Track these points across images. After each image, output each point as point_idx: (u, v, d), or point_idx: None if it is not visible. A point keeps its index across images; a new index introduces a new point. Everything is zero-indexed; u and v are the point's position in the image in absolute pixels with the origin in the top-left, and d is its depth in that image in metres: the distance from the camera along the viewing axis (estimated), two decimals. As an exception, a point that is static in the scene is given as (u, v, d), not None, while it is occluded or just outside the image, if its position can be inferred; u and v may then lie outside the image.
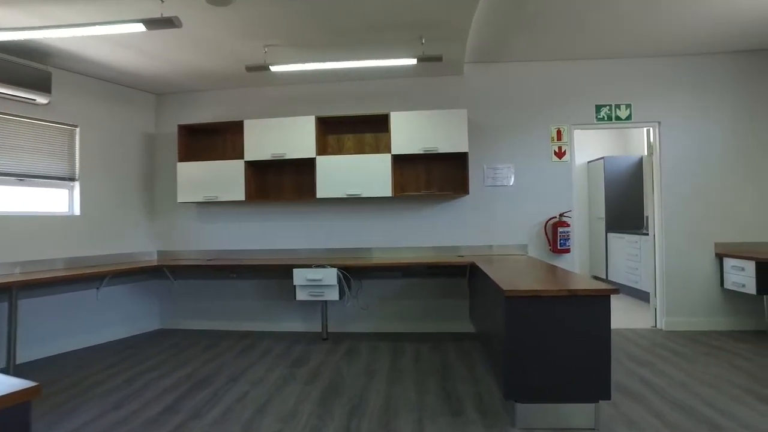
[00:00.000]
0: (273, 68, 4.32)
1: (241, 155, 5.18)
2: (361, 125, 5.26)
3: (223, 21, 3.74)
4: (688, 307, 5.00)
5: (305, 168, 5.25)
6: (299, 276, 4.67)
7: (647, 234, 5.47)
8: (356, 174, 4.92)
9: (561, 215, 5.06)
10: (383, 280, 5.29)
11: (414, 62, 4.18)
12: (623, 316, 5.60)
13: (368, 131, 5.29)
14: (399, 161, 5.13)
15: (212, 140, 5.57)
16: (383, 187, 4.88)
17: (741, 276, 4.65)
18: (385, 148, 5.03)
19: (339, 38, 4.12)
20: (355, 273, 5.21)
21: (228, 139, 5.51)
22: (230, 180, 5.14)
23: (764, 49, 4.95)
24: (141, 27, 3.17)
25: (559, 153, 5.14)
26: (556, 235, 4.97)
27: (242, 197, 5.12)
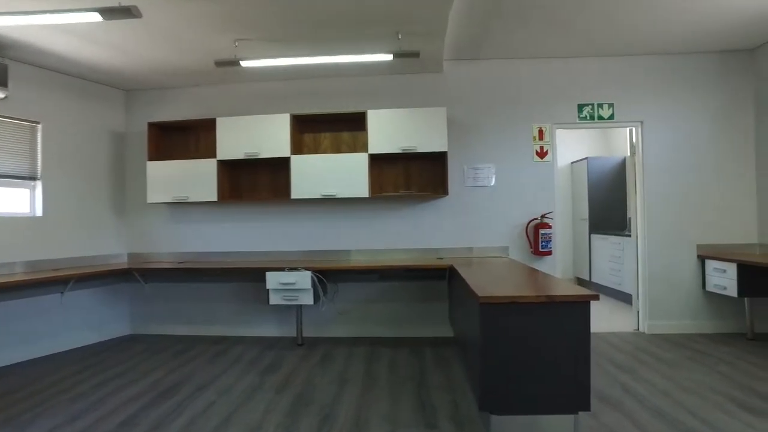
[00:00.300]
0: (243, 63, 4.15)
1: (214, 154, 4.99)
2: (339, 124, 5.10)
3: (191, 13, 3.56)
4: (671, 310, 4.93)
5: (280, 167, 5.06)
6: (272, 279, 4.51)
7: (630, 235, 5.40)
8: (332, 174, 4.76)
9: (543, 216, 4.95)
10: (360, 284, 5.13)
11: (390, 58, 4.03)
12: (606, 319, 5.51)
13: (346, 130, 5.13)
14: (377, 161, 4.97)
15: (184, 139, 5.36)
16: (360, 188, 4.73)
17: (723, 278, 4.59)
18: (363, 148, 4.86)
19: (312, 33, 3.96)
20: (331, 276, 5.05)
21: (200, 138, 5.31)
22: (202, 180, 4.95)
23: (746, 50, 4.90)
24: (97, 17, 2.98)
25: (541, 153, 5.03)
26: (538, 237, 4.86)
27: (215, 197, 4.94)
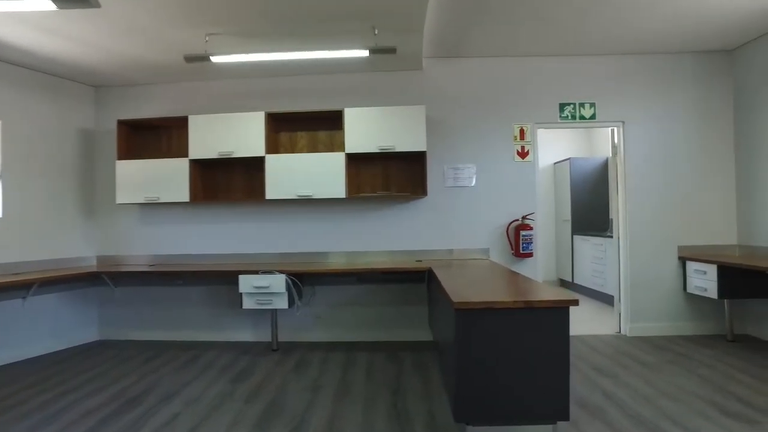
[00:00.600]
0: (214, 59, 3.99)
1: (186, 153, 4.81)
2: (315, 122, 4.95)
3: (153, 4, 3.39)
4: (652, 312, 4.88)
5: (255, 167, 4.91)
6: (245, 283, 4.35)
7: (612, 237, 5.35)
8: (308, 174, 4.62)
9: (524, 218, 4.86)
10: (338, 287, 4.99)
11: (366, 54, 3.90)
12: (588, 322, 5.45)
13: (322, 129, 4.98)
14: (355, 160, 4.84)
15: (155, 137, 5.17)
16: (336, 188, 4.59)
17: (703, 280, 4.54)
18: (340, 147, 4.72)
19: (285, 27, 3.82)
20: (308, 279, 4.91)
21: (172, 136, 5.13)
22: (174, 180, 4.77)
23: (724, 50, 4.87)
24: (51, 5, 2.81)
25: (522, 153, 4.95)
26: (519, 239, 4.77)
27: (187, 198, 4.76)
